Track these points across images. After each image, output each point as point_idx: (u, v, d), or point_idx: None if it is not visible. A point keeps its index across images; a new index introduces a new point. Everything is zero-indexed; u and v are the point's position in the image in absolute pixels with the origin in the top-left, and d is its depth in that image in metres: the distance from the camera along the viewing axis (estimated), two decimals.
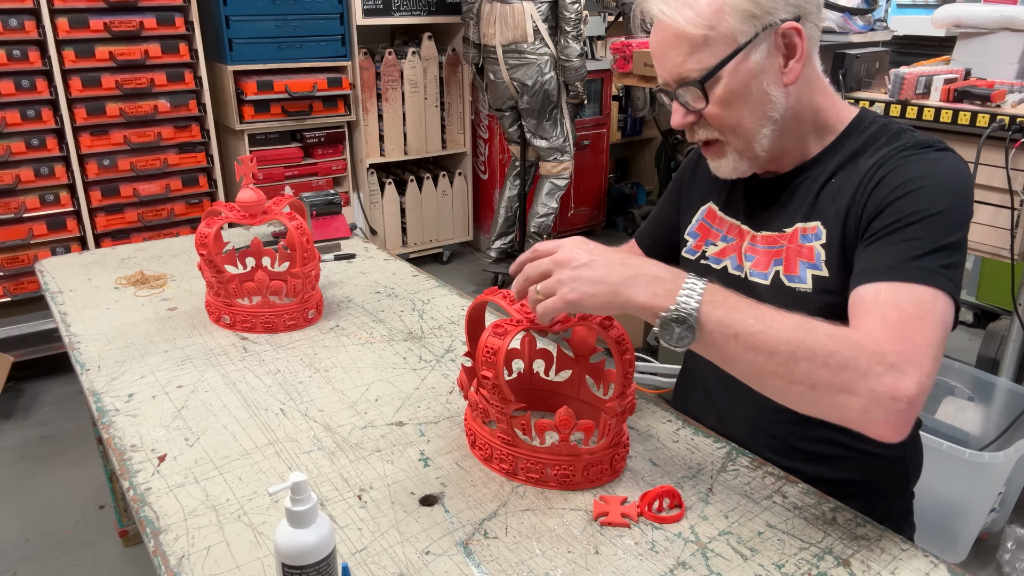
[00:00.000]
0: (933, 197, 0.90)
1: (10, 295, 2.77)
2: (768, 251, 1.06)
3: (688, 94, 0.97)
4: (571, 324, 0.98)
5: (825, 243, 0.99)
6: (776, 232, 1.05)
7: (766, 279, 1.05)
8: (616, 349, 0.94)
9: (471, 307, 1.03)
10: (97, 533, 2.11)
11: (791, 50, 0.95)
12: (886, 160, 0.96)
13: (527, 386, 1.16)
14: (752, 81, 0.94)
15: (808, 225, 1.02)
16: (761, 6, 0.92)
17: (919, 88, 2.02)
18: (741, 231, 1.10)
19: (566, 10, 3.21)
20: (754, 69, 0.94)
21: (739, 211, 1.12)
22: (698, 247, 1.17)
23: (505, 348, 0.92)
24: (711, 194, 1.17)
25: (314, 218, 1.92)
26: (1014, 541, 1.98)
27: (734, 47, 0.93)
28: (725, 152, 1.01)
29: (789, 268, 1.02)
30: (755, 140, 0.99)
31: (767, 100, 0.96)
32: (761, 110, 0.97)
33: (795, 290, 1.01)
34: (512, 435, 0.96)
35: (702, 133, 1.01)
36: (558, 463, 0.96)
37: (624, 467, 1.01)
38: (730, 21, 0.92)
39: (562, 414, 0.93)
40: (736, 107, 0.96)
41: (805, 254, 1.01)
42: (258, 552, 0.86)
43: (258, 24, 3.13)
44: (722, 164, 1.03)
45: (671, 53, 0.96)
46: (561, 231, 4.36)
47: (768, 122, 0.97)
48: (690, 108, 0.98)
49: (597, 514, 0.92)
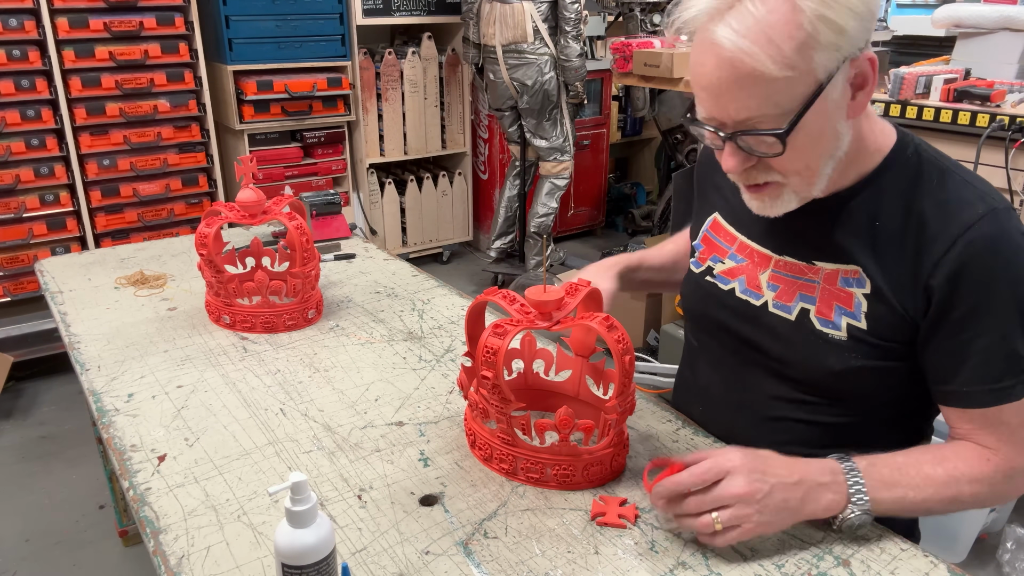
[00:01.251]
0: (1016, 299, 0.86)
1: (10, 295, 2.77)
2: (793, 281, 0.98)
3: (756, 140, 0.84)
4: (572, 324, 0.97)
5: (868, 293, 0.92)
6: (802, 262, 0.97)
7: (790, 314, 0.97)
8: (616, 349, 0.93)
9: (471, 307, 1.03)
10: (97, 533, 2.11)
11: (863, 80, 0.84)
12: (958, 237, 0.86)
13: (527, 386, 1.15)
14: (826, 121, 0.84)
15: (848, 268, 0.93)
16: (848, 36, 0.79)
17: (919, 88, 2.02)
18: (757, 254, 1.02)
19: (566, 10, 3.21)
20: (829, 108, 0.83)
21: (754, 231, 1.03)
22: (702, 260, 1.10)
23: (505, 348, 0.92)
24: (716, 204, 1.11)
25: (314, 218, 1.92)
26: (1014, 541, 1.98)
27: (815, 86, 0.80)
28: (781, 193, 0.90)
29: (822, 311, 0.95)
30: (817, 181, 0.89)
31: (836, 138, 0.86)
32: (829, 149, 0.87)
33: (827, 336, 0.94)
34: (512, 435, 0.96)
35: (762, 176, 0.89)
36: (558, 463, 0.96)
37: (624, 467, 1.01)
38: (813, 57, 0.78)
39: (562, 414, 0.93)
40: (809, 150, 0.85)
41: (843, 299, 0.93)
42: (258, 552, 0.86)
43: (258, 24, 3.13)
44: (775, 204, 0.91)
45: (739, 94, 0.80)
46: (561, 231, 4.36)
47: (832, 160, 0.88)
48: (754, 153, 0.85)
49: (594, 514, 0.92)
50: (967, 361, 0.88)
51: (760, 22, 0.77)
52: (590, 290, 1.00)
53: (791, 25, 0.77)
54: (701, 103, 0.86)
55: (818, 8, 0.76)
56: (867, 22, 0.80)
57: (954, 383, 0.90)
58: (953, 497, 0.88)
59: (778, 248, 1.00)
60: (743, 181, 0.91)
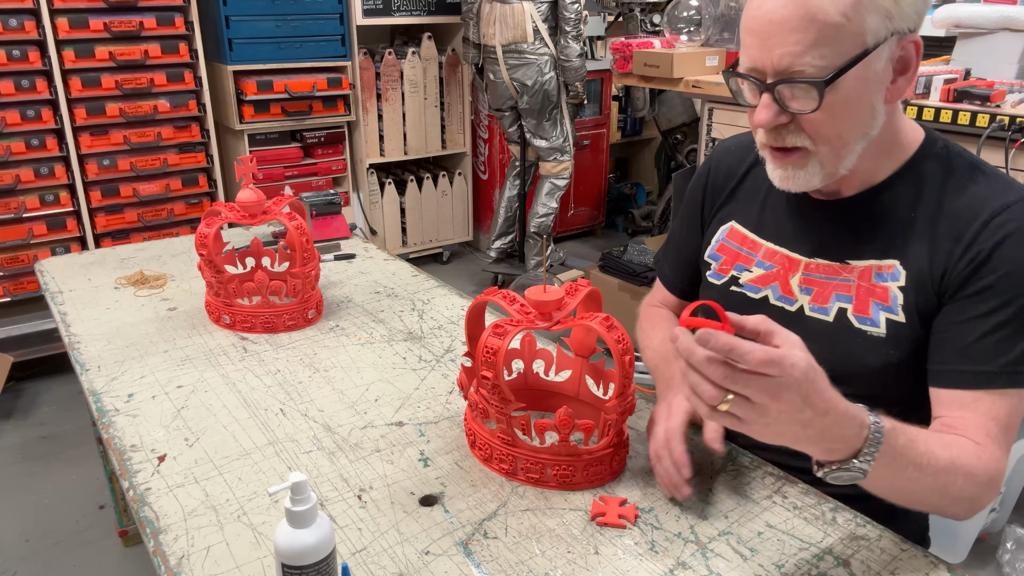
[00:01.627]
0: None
1: (10, 295, 2.77)
2: (828, 283, 0.97)
3: (795, 91, 0.83)
4: (572, 324, 0.98)
5: (904, 286, 0.92)
6: (837, 262, 0.96)
7: (828, 315, 0.96)
8: (616, 349, 0.93)
9: (471, 307, 1.03)
10: (97, 533, 2.11)
11: (905, 66, 0.85)
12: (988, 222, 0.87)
13: (527, 386, 1.16)
14: (866, 91, 0.83)
15: (884, 263, 0.93)
16: (900, 8, 0.80)
17: (919, 88, 2.02)
18: (787, 259, 1.01)
19: (566, 10, 3.21)
20: (871, 78, 0.83)
21: (782, 235, 1.02)
22: (724, 271, 1.07)
23: (505, 348, 0.92)
24: (734, 213, 1.09)
25: (314, 218, 1.92)
26: (1014, 541, 1.98)
27: (863, 48, 0.80)
28: (807, 163, 0.88)
29: (860, 308, 0.94)
30: (847, 156, 0.88)
31: (872, 115, 0.86)
32: (864, 125, 0.86)
33: (866, 333, 0.94)
34: (512, 435, 0.96)
35: (791, 139, 0.87)
36: (558, 463, 0.96)
37: (624, 467, 1.01)
38: (866, 17, 0.79)
39: (562, 414, 0.93)
40: (843, 117, 0.84)
41: (879, 294, 0.93)
42: (258, 552, 0.86)
43: (258, 24, 3.13)
44: (796, 176, 0.90)
45: (790, 37, 0.80)
46: (561, 231, 4.36)
47: (864, 139, 0.88)
48: (789, 108, 0.84)
49: (594, 514, 0.92)
50: (966, 339, 0.88)
51: None
52: (590, 290, 1.00)
53: None
54: (746, 51, 0.85)
55: None
56: (920, 2, 0.82)
57: (949, 362, 0.89)
58: (944, 486, 0.82)
59: (809, 252, 0.99)
60: (772, 141, 0.89)
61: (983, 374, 0.87)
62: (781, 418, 0.70)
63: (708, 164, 1.16)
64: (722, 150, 1.15)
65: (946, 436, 0.86)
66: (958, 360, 0.88)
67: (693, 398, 0.72)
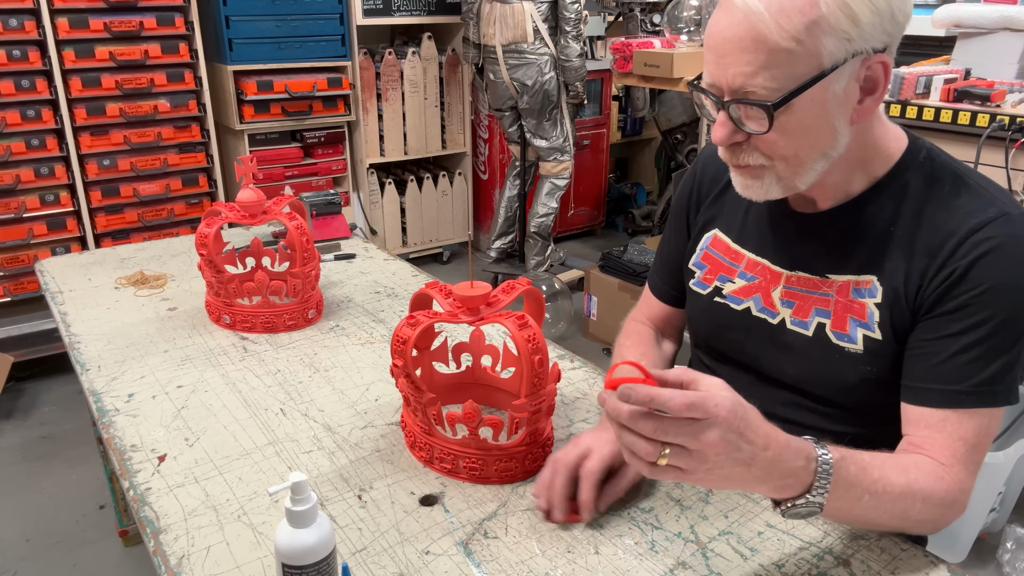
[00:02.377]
0: (1006, 306, 0.84)
1: (10, 295, 2.77)
2: (808, 296, 0.96)
3: (748, 111, 0.82)
4: (492, 320, 0.97)
5: (880, 303, 0.91)
6: (816, 276, 0.96)
7: (807, 330, 0.96)
8: (525, 349, 0.91)
9: (413, 297, 1.04)
10: (97, 533, 2.11)
11: (872, 85, 0.82)
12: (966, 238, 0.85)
13: (474, 380, 1.16)
14: (824, 112, 0.81)
15: (862, 279, 0.92)
16: (861, 29, 0.77)
17: (919, 88, 2.02)
18: (768, 271, 1.00)
19: (566, 10, 3.21)
20: (830, 100, 0.81)
21: (764, 246, 1.01)
22: (708, 281, 1.07)
23: (413, 339, 0.93)
24: (717, 220, 1.08)
25: (314, 218, 1.92)
26: (1014, 541, 1.98)
27: (818, 71, 0.78)
28: (763, 176, 0.88)
29: (837, 324, 0.94)
30: (803, 174, 0.86)
31: (832, 136, 0.84)
32: (822, 145, 0.84)
33: (843, 349, 0.93)
34: (428, 424, 0.98)
35: (745, 157, 0.87)
36: (468, 456, 0.97)
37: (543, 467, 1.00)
38: (822, 39, 0.77)
39: (467, 407, 0.95)
40: (798, 138, 0.83)
41: (856, 310, 0.92)
42: (258, 552, 0.86)
43: (258, 24, 3.13)
44: (753, 186, 0.89)
45: (741, 57, 0.79)
46: (561, 231, 4.36)
47: (824, 159, 0.86)
48: (743, 127, 0.84)
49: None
50: (938, 357, 0.86)
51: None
52: (529, 289, 1.01)
53: (807, 1, 0.76)
54: (706, 66, 0.85)
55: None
56: (886, 22, 0.79)
57: (919, 379, 0.88)
58: (903, 512, 0.81)
59: (790, 264, 0.98)
60: (729, 159, 0.89)
61: (952, 393, 0.85)
62: (721, 460, 0.69)
63: (694, 169, 1.14)
64: (707, 156, 1.13)
65: (905, 459, 0.84)
66: (928, 378, 0.87)
67: (632, 459, 0.71)
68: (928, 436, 0.86)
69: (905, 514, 0.81)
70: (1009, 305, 0.84)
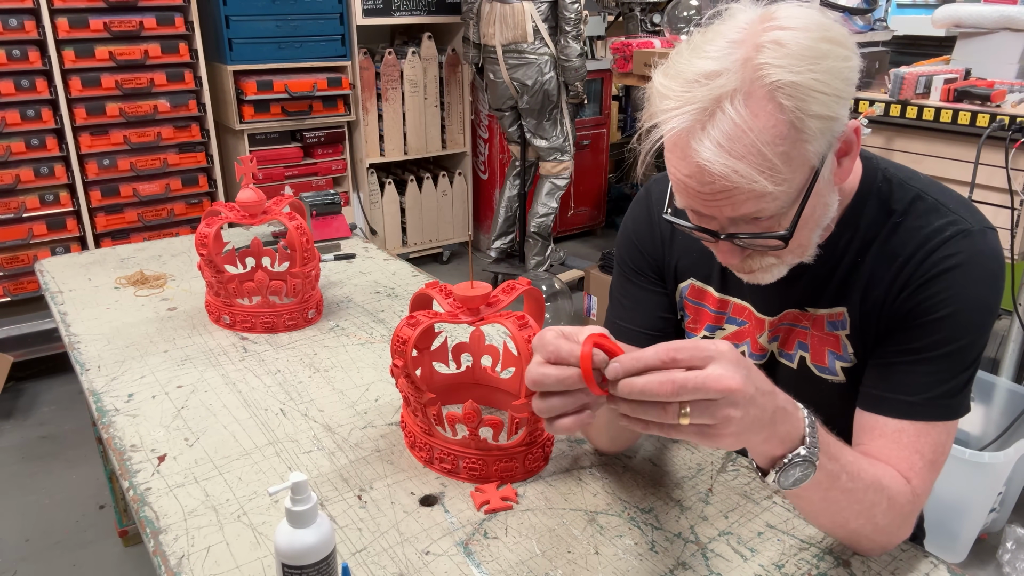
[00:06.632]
0: (969, 324, 0.84)
1: (10, 295, 2.77)
2: (791, 329, 0.97)
3: (752, 239, 0.80)
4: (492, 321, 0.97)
5: (850, 334, 0.92)
6: (797, 309, 0.96)
7: (792, 361, 0.97)
8: (525, 349, 0.91)
9: (414, 297, 1.04)
10: (97, 533, 2.11)
11: (847, 148, 0.81)
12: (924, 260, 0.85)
13: (475, 380, 1.17)
14: (820, 199, 0.81)
15: (834, 311, 0.93)
16: (836, 120, 0.75)
17: (919, 88, 2.02)
18: (754, 316, 1.00)
19: (566, 10, 3.21)
20: (823, 187, 0.80)
21: (744, 290, 0.99)
22: (694, 329, 1.05)
23: (413, 339, 0.94)
24: (691, 270, 1.03)
25: (314, 218, 1.92)
26: (1014, 541, 1.98)
27: (811, 174, 0.77)
28: (772, 269, 0.87)
29: (816, 357, 0.95)
30: (808, 250, 0.86)
31: (826, 209, 0.84)
32: (822, 220, 0.85)
33: (827, 381, 0.95)
34: (428, 424, 0.98)
35: (755, 264, 0.86)
36: (468, 456, 0.97)
37: (545, 466, 1.01)
38: (808, 148, 0.74)
39: (467, 407, 0.95)
40: (803, 231, 0.82)
41: (831, 343, 0.94)
42: (258, 552, 0.86)
43: (258, 24, 3.13)
44: (764, 277, 0.88)
45: (737, 205, 0.76)
46: (561, 231, 4.36)
47: (821, 228, 0.86)
48: (754, 248, 0.83)
49: (479, 504, 0.93)
50: (897, 369, 0.86)
51: (747, 130, 0.71)
52: (529, 290, 1.01)
53: (780, 126, 0.72)
54: (689, 211, 0.81)
55: (802, 104, 0.71)
56: (845, 93, 0.75)
57: (877, 387, 0.87)
58: (871, 507, 0.80)
59: (776, 310, 0.97)
60: (736, 268, 0.88)
61: (910, 404, 0.85)
62: (745, 402, 0.66)
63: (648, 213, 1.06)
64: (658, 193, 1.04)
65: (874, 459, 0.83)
66: (887, 387, 0.87)
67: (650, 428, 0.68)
68: (883, 447, 0.85)
69: (872, 511, 0.80)
70: (968, 322, 0.84)
